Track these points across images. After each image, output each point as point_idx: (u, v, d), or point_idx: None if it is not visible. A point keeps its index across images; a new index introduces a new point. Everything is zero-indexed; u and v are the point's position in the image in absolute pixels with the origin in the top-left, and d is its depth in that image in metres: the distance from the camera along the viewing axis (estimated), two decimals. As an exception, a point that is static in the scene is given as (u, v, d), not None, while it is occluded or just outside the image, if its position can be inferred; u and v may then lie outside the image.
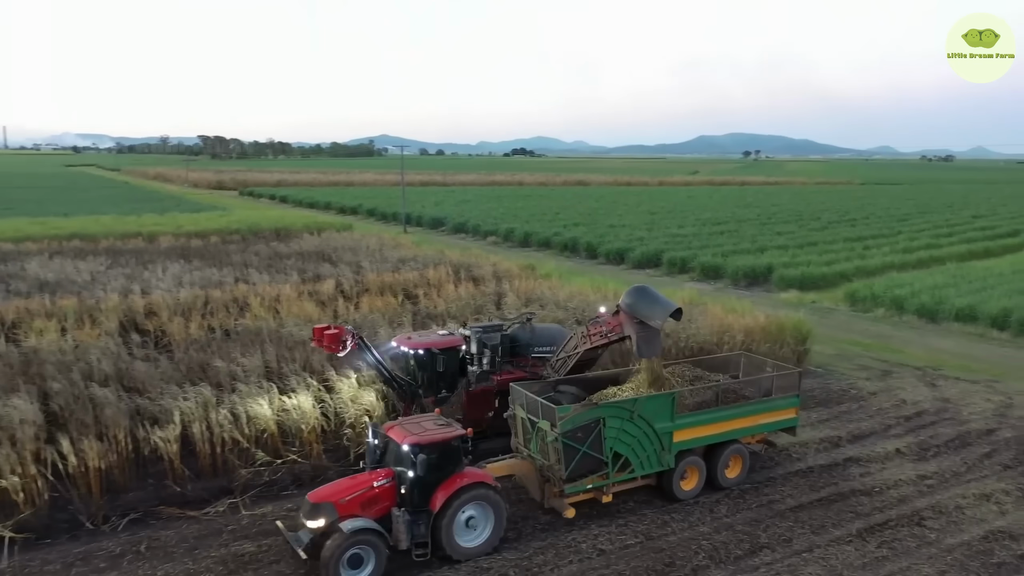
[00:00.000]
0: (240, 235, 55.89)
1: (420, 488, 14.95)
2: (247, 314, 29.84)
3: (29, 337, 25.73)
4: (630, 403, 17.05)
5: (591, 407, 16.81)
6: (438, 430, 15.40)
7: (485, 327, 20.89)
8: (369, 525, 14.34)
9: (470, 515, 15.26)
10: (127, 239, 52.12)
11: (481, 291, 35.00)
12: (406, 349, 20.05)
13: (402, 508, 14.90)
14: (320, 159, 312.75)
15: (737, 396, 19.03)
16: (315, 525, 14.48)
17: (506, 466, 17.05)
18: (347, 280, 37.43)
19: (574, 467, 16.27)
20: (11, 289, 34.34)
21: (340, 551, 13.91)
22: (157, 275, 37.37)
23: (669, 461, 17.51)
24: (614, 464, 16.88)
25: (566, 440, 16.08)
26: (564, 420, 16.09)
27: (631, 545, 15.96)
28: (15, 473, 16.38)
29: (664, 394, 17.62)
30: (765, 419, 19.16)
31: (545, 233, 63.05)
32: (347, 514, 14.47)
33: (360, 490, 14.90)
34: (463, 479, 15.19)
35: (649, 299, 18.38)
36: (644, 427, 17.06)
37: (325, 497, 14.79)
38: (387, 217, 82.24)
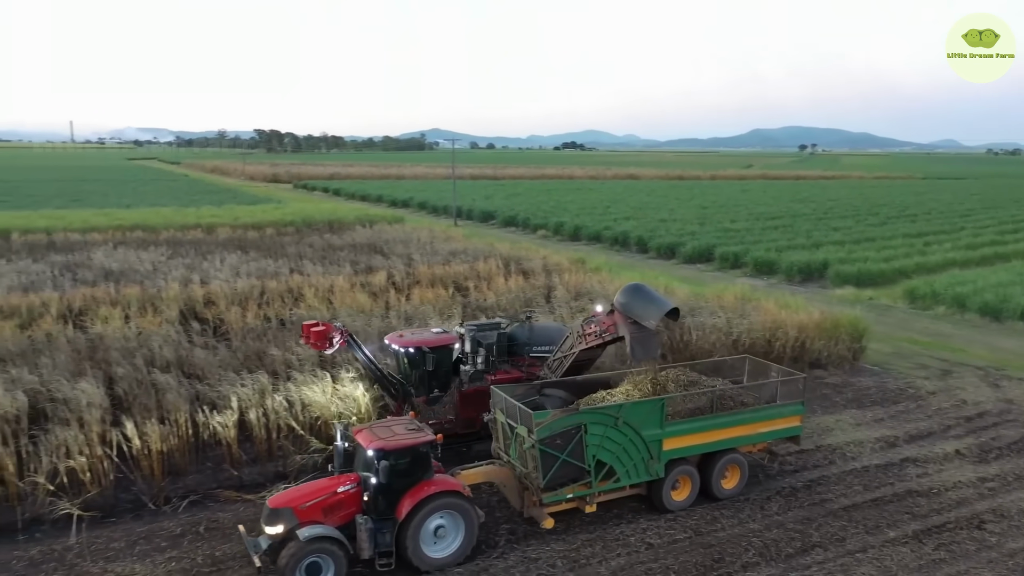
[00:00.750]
0: (295, 227, 56.90)
1: (385, 495, 14.33)
2: (301, 304, 30.45)
3: (95, 324, 26.68)
4: (614, 409, 16.10)
5: (571, 412, 15.82)
6: (406, 435, 14.71)
7: (480, 325, 20.40)
8: (327, 532, 13.74)
9: (439, 524, 14.56)
10: (187, 230, 53.52)
11: (531, 284, 35.10)
12: (397, 347, 19.42)
13: (367, 515, 14.28)
14: (372, 153, 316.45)
15: (734, 402, 17.72)
16: (274, 531, 13.88)
17: (482, 472, 16.23)
18: (398, 272, 37.87)
19: (553, 475, 15.44)
20: (78, 277, 35.63)
21: (296, 559, 13.36)
22: (215, 265, 38.34)
23: (658, 470, 16.54)
24: (597, 473, 15.96)
25: (543, 447, 15.22)
26: (541, 426, 15.23)
27: (680, 540, 15.89)
28: (83, 454, 17.10)
29: (652, 400, 16.64)
30: (766, 427, 17.97)
31: (595, 227, 62.80)
32: (307, 520, 13.85)
33: (322, 496, 14.26)
34: (431, 487, 14.50)
35: (644, 298, 17.72)
36: (630, 434, 16.11)
37: (285, 502, 14.15)
38: (438, 210, 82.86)
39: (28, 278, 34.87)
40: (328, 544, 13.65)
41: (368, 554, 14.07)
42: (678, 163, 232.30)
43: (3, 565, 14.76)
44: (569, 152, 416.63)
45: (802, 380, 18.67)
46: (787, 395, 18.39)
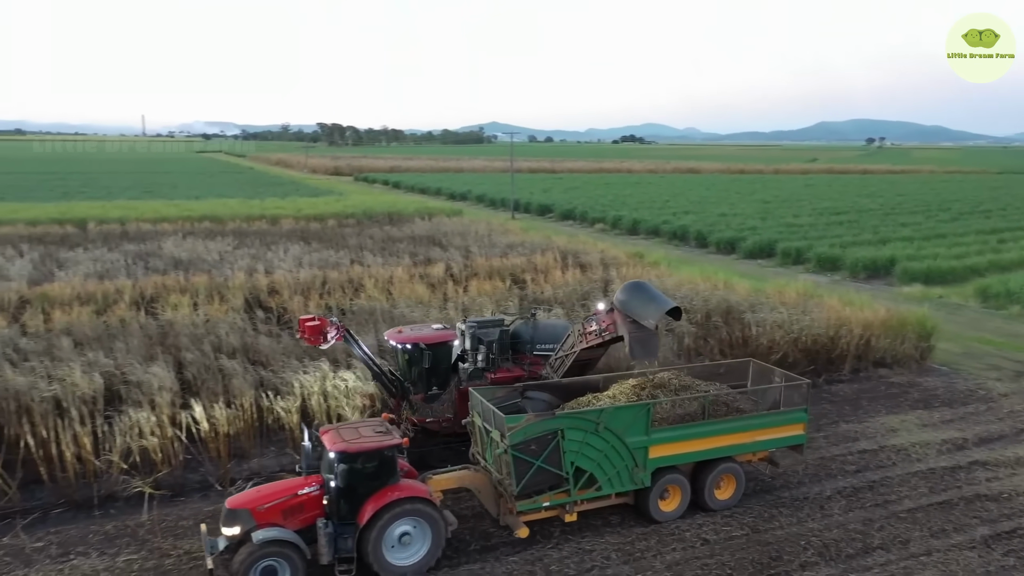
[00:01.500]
0: (355, 219, 57.89)
1: (347, 499, 13.91)
2: (362, 294, 31.01)
3: (166, 311, 27.66)
4: (594, 414, 15.39)
5: (546, 417, 15.11)
6: (372, 438, 14.18)
7: (481, 322, 19.80)
8: (283, 536, 13.33)
9: (404, 531, 13.98)
10: (252, 221, 54.94)
11: (588, 277, 35.05)
12: (395, 343, 18.92)
13: (329, 519, 13.88)
14: (431, 146, 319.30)
15: (729, 409, 16.84)
16: (230, 532, 13.52)
17: (455, 478, 15.56)
18: (456, 264, 38.26)
19: (527, 482, 14.77)
20: (150, 266, 36.99)
21: (249, 563, 13.01)
22: (279, 256, 39.31)
23: (644, 479, 15.78)
24: (576, 480, 15.28)
25: (516, 452, 14.60)
26: (514, 431, 14.59)
27: (736, 537, 15.73)
28: (154, 434, 17.84)
29: (637, 405, 15.84)
30: (764, 435, 16.99)
31: (654, 221, 62.24)
32: (265, 522, 13.48)
33: (282, 497, 13.87)
34: (395, 492, 13.94)
35: (644, 296, 17.10)
36: (613, 441, 15.36)
37: (243, 503, 13.75)
38: (495, 203, 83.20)
39: (103, 266, 36.36)
40: (283, 548, 13.22)
41: (327, 559, 13.57)
42: (740, 157, 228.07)
43: (81, 539, 15.50)
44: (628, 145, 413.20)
45: (806, 386, 17.57)
46: (790, 402, 17.39)
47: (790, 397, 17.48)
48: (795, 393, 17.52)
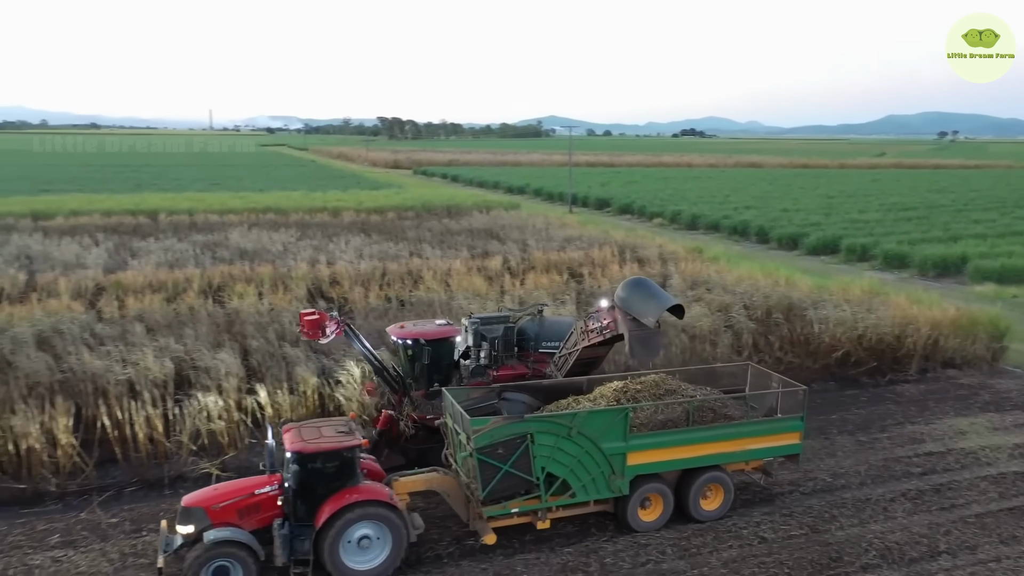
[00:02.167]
0: (414, 212, 58.51)
1: (304, 500, 13.65)
2: (420, 286, 31.41)
3: (232, 299, 28.50)
4: (567, 418, 14.80)
5: (515, 420, 14.60)
6: (332, 438, 13.83)
7: (485, 318, 19.53)
8: (234, 536, 13.06)
9: (364, 534, 13.60)
10: (314, 213, 55.99)
11: (646, 272, 34.77)
12: (395, 338, 18.70)
13: (286, 520, 13.61)
14: (489, 140, 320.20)
15: (716, 415, 16.14)
16: (185, 531, 13.27)
17: (423, 480, 15.13)
18: (514, 257, 38.40)
19: (495, 487, 14.27)
20: (217, 256, 38.12)
21: (199, 563, 12.81)
22: (340, 247, 40.05)
23: (621, 487, 15.12)
24: (548, 486, 14.76)
25: (482, 456, 14.11)
26: (480, 433, 14.11)
27: (795, 536, 15.51)
28: (221, 418, 18.50)
29: (613, 409, 15.25)
30: (756, 444, 16.19)
31: (713, 216, 61.37)
32: (221, 522, 13.24)
33: (238, 496, 13.61)
34: (353, 494, 13.55)
35: (644, 293, 16.64)
36: (587, 446, 14.73)
37: (198, 501, 13.52)
38: (553, 197, 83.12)
39: (173, 255, 37.59)
40: (234, 548, 12.97)
41: (282, 561, 13.26)
42: (803, 151, 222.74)
43: (152, 516, 16.14)
44: (688, 139, 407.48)
45: (802, 392, 16.65)
46: (786, 409, 16.75)
47: (788, 404, 16.77)
48: (791, 399, 16.75)
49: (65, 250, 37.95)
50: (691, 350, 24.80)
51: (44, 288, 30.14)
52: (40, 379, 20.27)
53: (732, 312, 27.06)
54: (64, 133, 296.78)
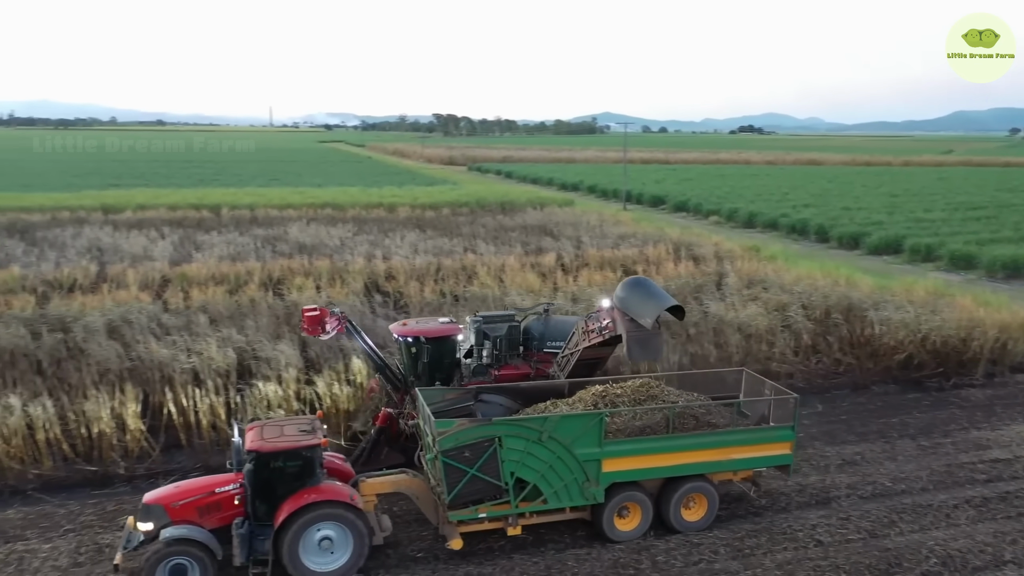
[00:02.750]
0: (469, 208, 58.91)
1: (263, 499, 13.51)
2: (474, 281, 31.67)
3: (291, 292, 29.20)
4: (537, 422, 14.39)
5: (482, 423, 14.30)
6: (292, 437, 13.68)
7: (488, 316, 19.28)
8: (190, 535, 12.95)
9: (325, 535, 13.43)
10: (370, 209, 56.82)
11: (701, 270, 34.46)
12: (397, 336, 18.64)
13: (247, 519, 13.50)
14: (544, 136, 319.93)
15: (699, 423, 15.50)
16: (144, 528, 13.21)
17: (391, 482, 14.83)
18: (567, 254, 38.42)
19: (461, 491, 13.94)
20: (277, 250, 39.05)
21: (154, 561, 12.74)
22: (396, 242, 40.62)
23: (596, 495, 14.66)
24: (518, 491, 14.39)
25: (448, 459, 13.80)
26: (445, 436, 13.86)
27: (853, 540, 15.23)
28: (281, 407, 18.99)
29: (587, 414, 14.80)
30: (743, 453, 15.58)
31: (771, 214, 60.25)
32: (180, 519, 13.16)
33: (198, 495, 13.51)
34: (312, 495, 13.35)
35: (643, 293, 16.27)
36: (560, 452, 14.32)
37: (158, 499, 13.48)
38: (607, 194, 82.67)
39: (235, 249, 38.65)
40: (191, 547, 12.88)
41: (240, 561, 13.14)
42: (866, 148, 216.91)
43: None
44: (745, 136, 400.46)
45: (793, 401, 15.95)
46: (778, 418, 16.15)
47: (779, 413, 16.17)
48: (781, 408, 16.15)
49: (133, 243, 39.36)
50: (747, 350, 24.51)
51: (114, 279, 31.33)
52: (110, 366, 21.15)
53: (790, 312, 26.65)
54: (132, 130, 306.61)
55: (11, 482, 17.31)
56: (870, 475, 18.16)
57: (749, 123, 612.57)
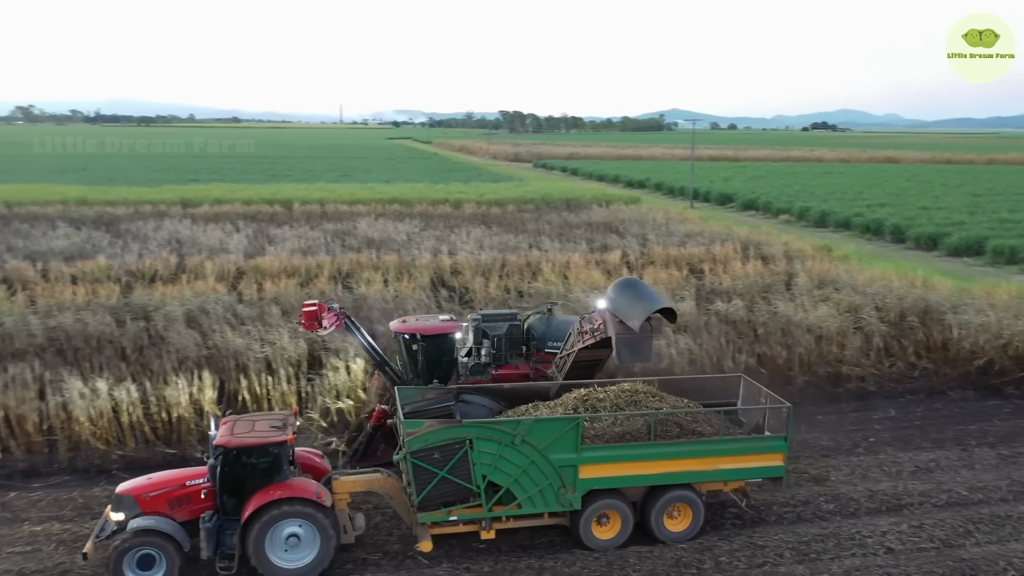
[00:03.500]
0: (534, 205, 58.98)
1: (230, 494, 13.61)
2: (539, 278, 31.78)
3: (359, 285, 29.84)
4: (510, 425, 14.14)
5: (452, 425, 14.07)
6: (261, 433, 13.79)
7: (489, 315, 19.04)
8: (156, 526, 13.13)
9: (292, 532, 13.46)
10: (437, 205, 57.46)
11: (770, 270, 33.82)
12: (395, 332, 18.63)
13: (216, 513, 13.63)
14: (610, 133, 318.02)
15: (683, 430, 15.06)
16: (116, 518, 13.49)
17: (364, 481, 14.66)
18: (633, 252, 38.17)
19: (431, 493, 13.85)
20: (346, 244, 39.90)
21: (121, 551, 12.95)
22: (462, 238, 41.03)
23: (573, 501, 14.33)
24: (490, 495, 14.17)
25: (416, 460, 13.71)
26: (414, 437, 13.70)
27: (925, 549, 14.81)
28: (349, 397, 19.46)
29: (563, 418, 14.48)
30: (730, 463, 15.00)
31: (844, 213, 58.57)
32: (151, 511, 13.38)
33: (169, 487, 13.71)
34: (278, 491, 13.39)
35: (631, 295, 15.80)
36: (534, 456, 14.03)
37: (131, 490, 13.69)
38: (674, 192, 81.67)
39: (306, 243, 39.63)
40: (157, 538, 13.07)
41: (207, 554, 13.30)
42: (947, 145, 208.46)
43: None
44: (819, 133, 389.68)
45: (787, 410, 15.30)
46: (774, 427, 15.58)
47: (774, 422, 15.64)
48: (774, 417, 15.61)
49: (210, 236, 40.74)
50: (817, 351, 23.98)
51: (192, 270, 32.54)
52: (189, 354, 22.05)
53: (862, 313, 25.97)
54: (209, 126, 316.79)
55: (97, 462, 18.26)
56: (945, 483, 17.61)
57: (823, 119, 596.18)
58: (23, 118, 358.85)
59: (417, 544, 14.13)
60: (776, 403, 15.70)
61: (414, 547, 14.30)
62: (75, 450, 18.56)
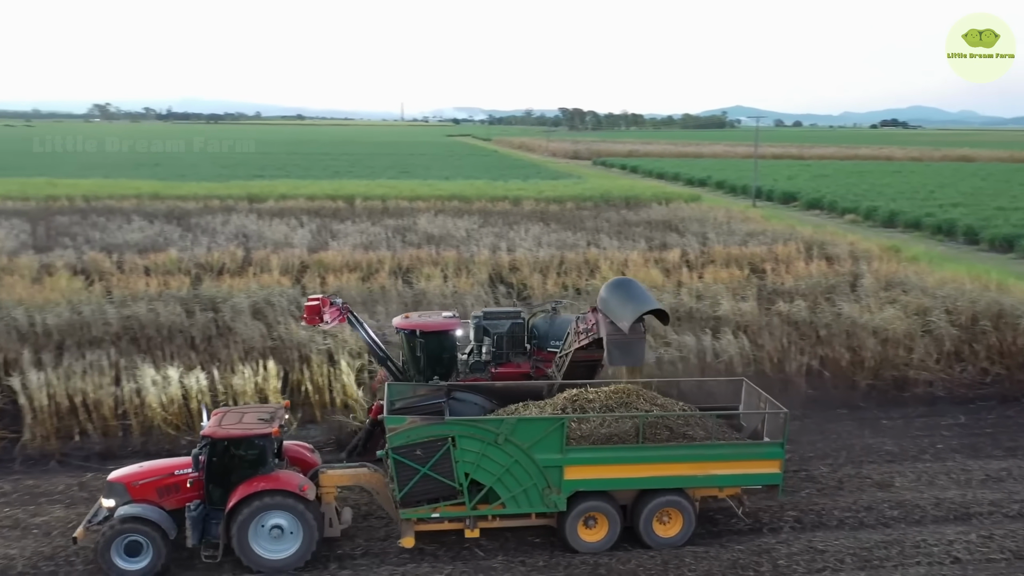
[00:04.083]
0: (592, 202, 58.74)
1: (215, 484, 13.90)
2: (597, 275, 31.70)
3: (419, 281, 30.27)
4: (493, 424, 14.07)
5: (434, 422, 14.06)
6: (247, 425, 13.99)
7: (491, 312, 18.83)
8: (143, 513, 13.44)
9: (276, 524, 13.66)
10: (495, 202, 57.64)
11: (834, 270, 33.06)
12: (397, 328, 18.62)
13: (202, 502, 13.89)
14: (671, 131, 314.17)
15: (673, 434, 14.63)
16: (108, 504, 13.88)
17: (351, 475, 14.75)
18: (692, 250, 37.76)
19: (413, 489, 13.89)
20: (406, 240, 40.45)
21: (108, 537, 13.30)
22: (520, 235, 41.16)
23: (558, 502, 14.18)
24: (473, 494, 14.14)
25: (398, 456, 13.71)
26: (396, 433, 13.70)
27: (995, 560, 14.37)
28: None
29: (547, 418, 14.31)
30: (722, 469, 14.60)
31: (915, 213, 56.76)
32: (141, 499, 13.70)
33: (158, 476, 14.03)
34: (262, 483, 13.60)
35: (622, 296, 15.38)
36: (518, 456, 13.93)
37: (122, 477, 14.07)
38: (736, 190, 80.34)
39: (367, 238, 40.33)
40: (144, 525, 13.38)
41: (192, 542, 13.61)
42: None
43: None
44: (889, 130, 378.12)
45: (783, 416, 14.86)
46: (773, 433, 15.13)
47: (773, 428, 15.15)
48: (771, 423, 15.16)
49: (275, 230, 41.77)
50: (882, 355, 23.40)
51: (258, 263, 33.43)
52: (254, 344, 22.72)
53: (932, 316, 25.21)
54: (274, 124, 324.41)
55: (167, 445, 18.98)
56: (1017, 493, 17.02)
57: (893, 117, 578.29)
58: (100, 116, 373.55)
59: (400, 540, 14.24)
60: (774, 408, 15.30)
61: (397, 542, 14.40)
62: (147, 434, 19.36)
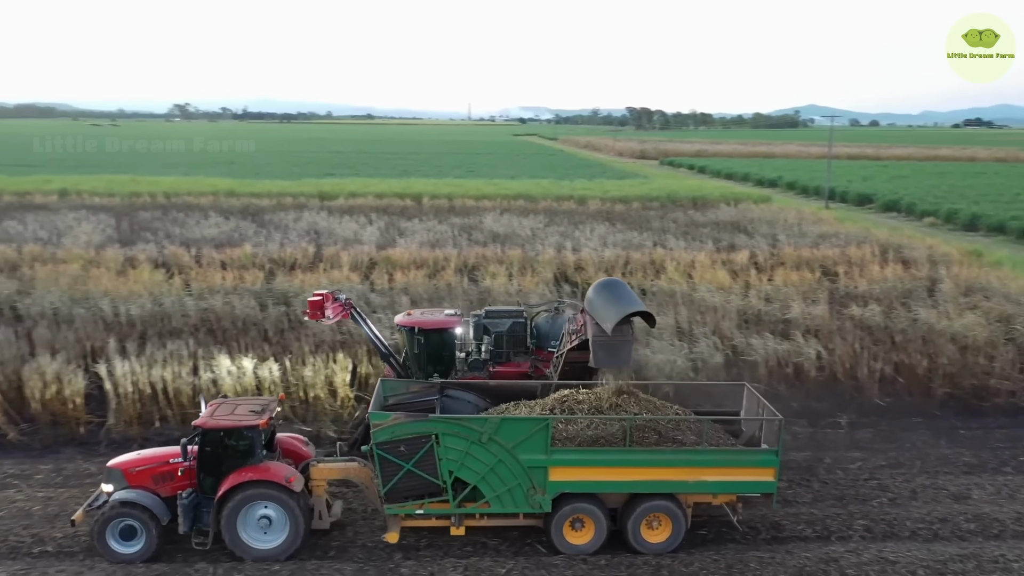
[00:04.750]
0: (659, 202, 58.16)
1: (207, 473, 14.25)
2: (662, 276, 31.44)
3: (484, 279, 30.54)
4: (478, 423, 13.95)
5: (418, 419, 14.01)
6: (238, 416, 14.32)
7: (492, 311, 18.68)
8: (137, 499, 13.88)
9: (264, 514, 14.02)
10: (561, 201, 57.64)
11: (911, 275, 32.02)
12: (398, 325, 18.82)
13: (195, 490, 14.28)
14: (741, 130, 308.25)
15: (661, 437, 14.30)
16: (106, 489, 14.34)
17: (340, 469, 14.91)
18: (762, 252, 37.06)
19: (397, 486, 13.97)
20: (472, 238, 40.82)
21: (102, 521, 13.77)
22: (585, 235, 41.08)
23: (542, 503, 14.08)
24: (458, 491, 14.10)
25: (382, 452, 13.81)
26: (380, 428, 13.78)
27: (1079, 579, 13.72)
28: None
29: (532, 419, 14.10)
30: (714, 475, 14.23)
31: (999, 216, 54.40)
32: (137, 485, 14.13)
33: (154, 463, 14.46)
34: (250, 473, 13.93)
35: (607, 297, 15.04)
36: (502, 455, 13.84)
37: (120, 464, 14.52)
38: (808, 191, 78.39)
39: (434, 236, 40.85)
40: (136, 511, 13.82)
41: (183, 529, 14.00)
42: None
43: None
44: (972, 130, 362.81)
45: (778, 423, 14.35)
46: (770, 439, 14.60)
47: (769, 434, 14.67)
48: (767, 429, 14.70)
49: (345, 227, 42.70)
50: (961, 362, 22.58)
51: (329, 259, 34.29)
52: (325, 338, 23.31)
53: (1015, 324, 24.20)
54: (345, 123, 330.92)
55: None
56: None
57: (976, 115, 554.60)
58: (180, 115, 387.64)
59: (384, 535, 14.42)
60: (771, 415, 14.86)
61: (381, 536, 14.59)
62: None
